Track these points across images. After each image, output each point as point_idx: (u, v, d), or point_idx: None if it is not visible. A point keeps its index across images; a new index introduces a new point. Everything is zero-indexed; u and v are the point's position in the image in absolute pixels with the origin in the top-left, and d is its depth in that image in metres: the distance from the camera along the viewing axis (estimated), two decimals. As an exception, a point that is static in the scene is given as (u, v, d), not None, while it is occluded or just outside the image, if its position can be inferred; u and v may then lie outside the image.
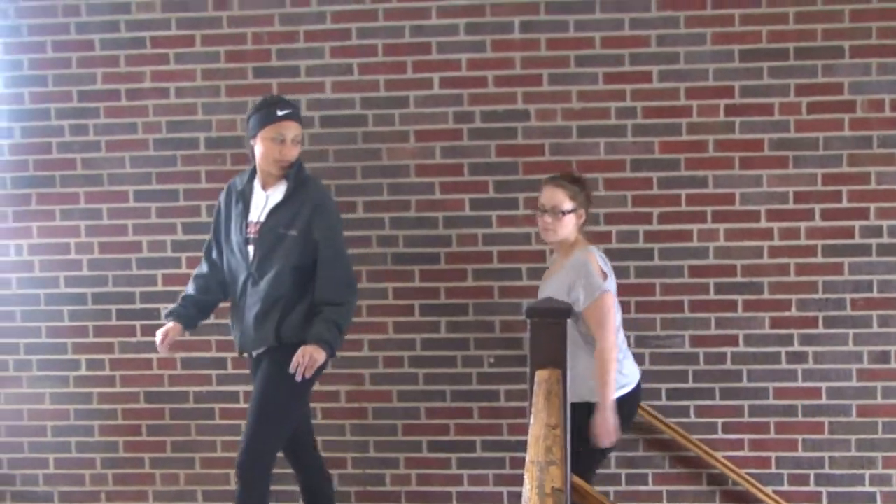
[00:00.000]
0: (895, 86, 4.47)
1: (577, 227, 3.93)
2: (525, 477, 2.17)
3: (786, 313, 4.58)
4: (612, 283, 3.91)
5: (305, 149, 4.62)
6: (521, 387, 4.39)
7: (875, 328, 4.57)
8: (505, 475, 4.69)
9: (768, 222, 4.56)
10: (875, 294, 4.55)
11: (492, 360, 4.69)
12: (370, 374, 4.75)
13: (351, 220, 4.66)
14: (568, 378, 3.98)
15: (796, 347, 4.59)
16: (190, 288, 4.12)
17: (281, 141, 3.82)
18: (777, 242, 4.56)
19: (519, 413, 4.53)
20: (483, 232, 4.64)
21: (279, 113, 3.82)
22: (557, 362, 2.99)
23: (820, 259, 4.55)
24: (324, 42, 4.64)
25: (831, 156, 4.51)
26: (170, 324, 4.04)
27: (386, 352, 4.73)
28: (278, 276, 3.84)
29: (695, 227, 4.58)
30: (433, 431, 4.75)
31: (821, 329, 4.58)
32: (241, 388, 4.72)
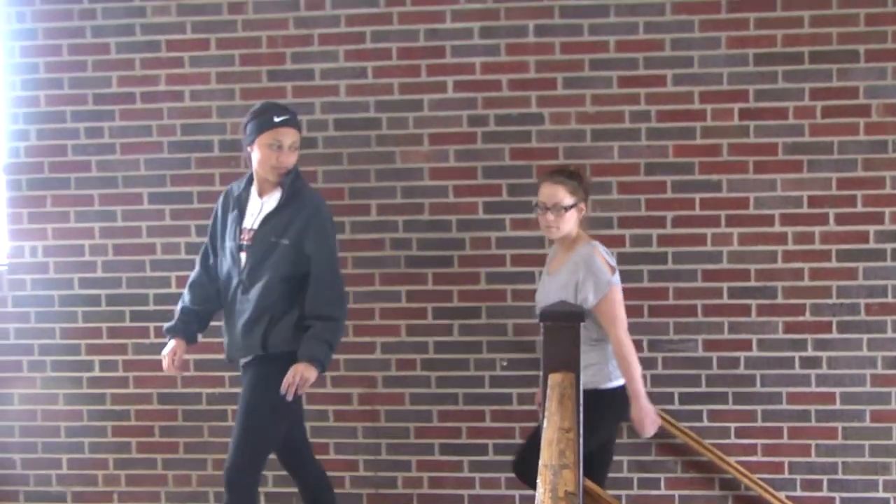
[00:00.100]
0: (911, 90, 4.47)
1: (579, 221, 3.94)
2: (538, 481, 2.17)
3: (800, 318, 4.57)
4: (618, 276, 3.92)
5: (319, 152, 4.66)
6: (534, 390, 4.38)
7: (889, 333, 4.55)
8: (517, 479, 4.67)
9: (782, 226, 4.55)
10: (889, 299, 4.54)
11: (504, 364, 4.69)
12: (383, 377, 4.75)
13: (364, 223, 4.68)
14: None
15: (810, 352, 4.58)
16: (187, 298, 4.07)
17: (278, 147, 3.78)
18: (791, 247, 4.55)
19: (531, 416, 4.52)
20: (496, 235, 4.64)
21: (276, 119, 3.78)
22: (571, 365, 2.98)
23: (834, 263, 4.54)
24: (338, 45, 4.65)
25: (846, 160, 4.50)
26: (172, 343, 4.00)
27: (398, 355, 4.74)
28: (268, 285, 3.79)
29: (708, 231, 4.57)
30: (445, 434, 4.75)
31: (835, 334, 4.57)
32: (254, 390, 4.72)
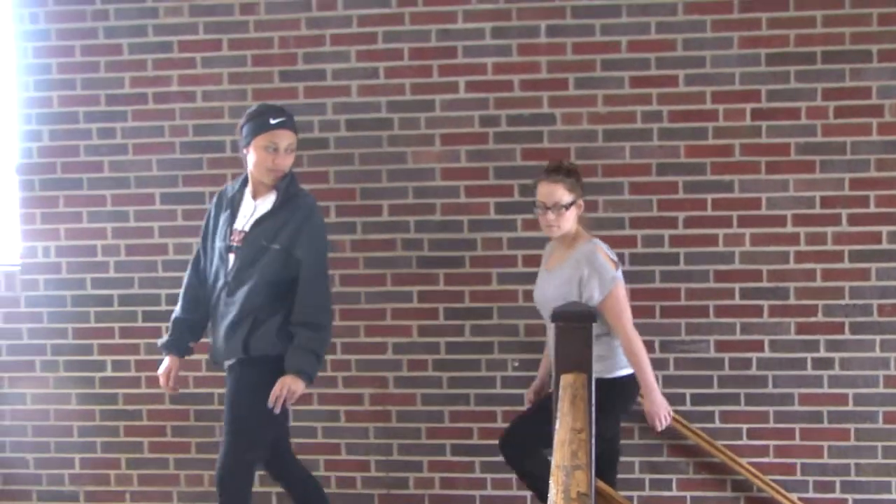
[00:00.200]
0: (924, 90, 4.45)
1: (577, 218, 3.93)
2: (550, 481, 2.17)
3: (812, 319, 4.56)
4: (621, 272, 3.92)
5: (331, 152, 4.66)
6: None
7: (902, 334, 4.54)
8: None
9: (794, 227, 4.53)
10: (902, 300, 4.53)
11: (516, 364, 4.68)
12: (394, 377, 4.76)
13: (376, 224, 4.68)
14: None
15: (822, 353, 4.56)
16: (178, 307, 4.02)
17: (274, 150, 3.73)
18: (803, 247, 4.53)
19: (543, 417, 4.52)
20: (508, 236, 4.63)
21: (272, 122, 3.74)
22: (582, 366, 2.98)
23: (847, 264, 4.53)
24: (350, 46, 4.65)
25: (859, 160, 4.48)
26: (167, 361, 3.99)
27: (410, 355, 4.74)
28: (254, 289, 3.74)
29: (720, 232, 4.56)
30: (457, 435, 4.75)
31: (847, 335, 4.55)
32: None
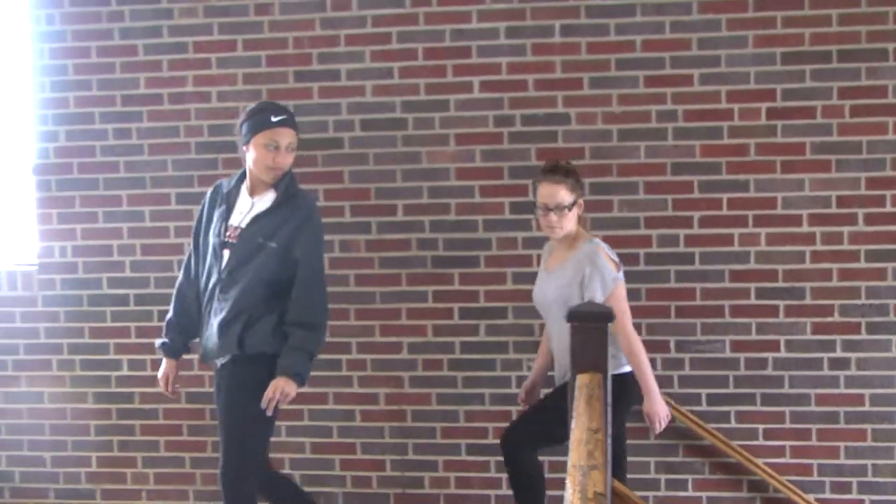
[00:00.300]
0: (941, 89, 4.43)
1: (578, 218, 3.93)
2: (567, 481, 2.17)
3: (828, 319, 4.54)
4: (622, 273, 3.92)
5: (346, 152, 4.67)
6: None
7: (919, 334, 4.52)
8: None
9: (810, 227, 4.52)
10: (919, 300, 4.51)
11: (531, 364, 4.67)
12: (409, 377, 4.76)
13: (391, 224, 4.68)
14: (557, 368, 4.02)
15: (839, 353, 4.54)
16: (171, 309, 3.98)
17: (275, 147, 3.70)
18: (819, 247, 4.52)
19: (558, 417, 4.51)
20: (523, 235, 4.63)
21: (274, 119, 3.71)
22: (598, 366, 2.98)
23: (863, 264, 4.51)
24: (364, 46, 4.66)
25: (875, 160, 4.46)
26: (164, 364, 3.98)
27: (425, 355, 4.74)
28: (249, 287, 3.71)
29: (736, 232, 4.55)
30: (472, 435, 4.75)
31: (864, 335, 4.53)
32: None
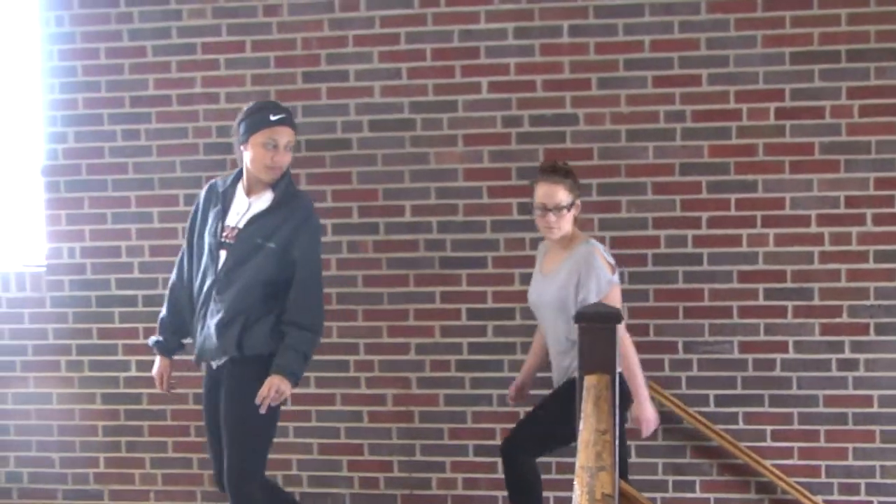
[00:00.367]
0: (950, 89, 4.41)
1: (575, 219, 3.92)
2: (575, 483, 2.17)
3: (836, 320, 4.52)
4: (618, 275, 3.91)
5: (354, 153, 4.68)
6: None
7: (928, 335, 4.50)
8: (551, 480, 4.62)
9: (819, 227, 4.50)
10: (928, 301, 4.49)
11: (537, 365, 4.68)
12: (417, 378, 4.76)
13: (398, 224, 4.69)
14: (554, 371, 4.01)
15: (847, 354, 4.53)
16: (164, 308, 3.96)
17: (273, 147, 3.66)
18: (828, 248, 4.50)
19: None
20: (530, 236, 4.62)
21: (272, 118, 3.67)
22: (606, 367, 2.97)
23: (872, 265, 4.49)
24: (373, 46, 4.66)
25: (884, 160, 4.45)
26: (158, 362, 3.96)
27: (433, 355, 4.74)
28: (247, 288, 3.68)
29: (744, 232, 4.54)
30: (479, 436, 4.74)
31: (872, 336, 4.52)
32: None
